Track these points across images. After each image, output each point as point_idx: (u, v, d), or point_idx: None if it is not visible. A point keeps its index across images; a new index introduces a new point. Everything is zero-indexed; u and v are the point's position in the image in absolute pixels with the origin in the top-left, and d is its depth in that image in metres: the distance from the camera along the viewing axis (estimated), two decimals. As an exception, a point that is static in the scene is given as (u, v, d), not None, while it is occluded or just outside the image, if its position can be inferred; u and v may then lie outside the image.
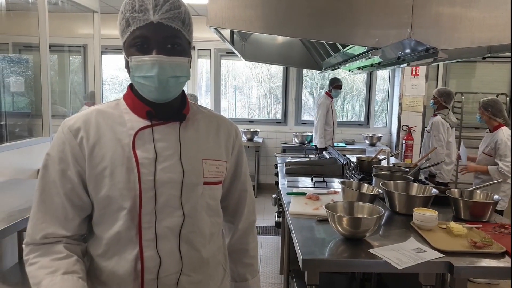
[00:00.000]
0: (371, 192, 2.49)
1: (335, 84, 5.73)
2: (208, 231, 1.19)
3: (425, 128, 5.02)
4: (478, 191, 2.50)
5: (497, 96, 4.86)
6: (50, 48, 3.82)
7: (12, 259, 3.16)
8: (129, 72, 1.11)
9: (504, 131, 3.66)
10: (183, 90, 1.19)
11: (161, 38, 1.06)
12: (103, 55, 5.49)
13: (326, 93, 5.80)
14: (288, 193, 2.84)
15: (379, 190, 2.50)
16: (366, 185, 2.60)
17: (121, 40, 1.11)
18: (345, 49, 2.96)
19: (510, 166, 3.50)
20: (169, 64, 1.06)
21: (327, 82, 6.09)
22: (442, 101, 4.41)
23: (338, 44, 3.03)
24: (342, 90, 5.83)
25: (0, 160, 3.13)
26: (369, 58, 2.75)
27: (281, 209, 3.05)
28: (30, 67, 5.40)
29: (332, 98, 5.78)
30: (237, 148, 1.29)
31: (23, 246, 1.11)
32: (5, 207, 2.48)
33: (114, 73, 7.21)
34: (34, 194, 1.11)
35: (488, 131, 3.84)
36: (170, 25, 1.06)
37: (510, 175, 3.53)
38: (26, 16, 4.41)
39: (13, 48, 6.15)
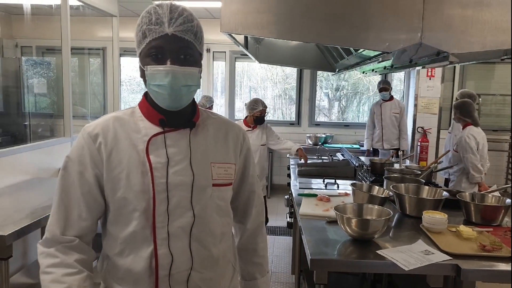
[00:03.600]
0: (382, 194, 2.51)
1: (379, 87, 5.86)
2: (219, 230, 1.26)
3: (447, 130, 5.04)
4: (490, 195, 2.50)
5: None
6: (71, 50, 3.94)
7: (36, 253, 3.27)
8: (144, 81, 1.18)
9: (468, 130, 4.01)
10: (194, 99, 1.27)
11: (175, 49, 1.14)
12: (121, 57, 5.60)
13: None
14: (299, 194, 2.88)
15: (390, 193, 2.52)
16: (376, 187, 2.62)
17: (138, 51, 1.18)
18: (358, 52, 2.99)
19: (468, 161, 3.93)
20: (182, 74, 1.14)
21: (343, 83, 6.11)
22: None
23: (351, 48, 3.05)
24: (387, 92, 5.85)
25: (24, 160, 3.25)
26: (382, 61, 2.77)
27: (292, 210, 3.09)
28: (52, 69, 5.57)
29: (383, 101, 5.88)
30: (245, 151, 1.35)
31: (42, 241, 1.21)
32: (29, 204, 2.59)
33: (132, 74, 7.35)
34: (54, 193, 1.20)
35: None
36: (183, 37, 1.14)
37: (470, 169, 3.94)
38: (49, 20, 4.55)
39: (36, 51, 6.34)
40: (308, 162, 4.10)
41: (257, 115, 4.08)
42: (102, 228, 1.25)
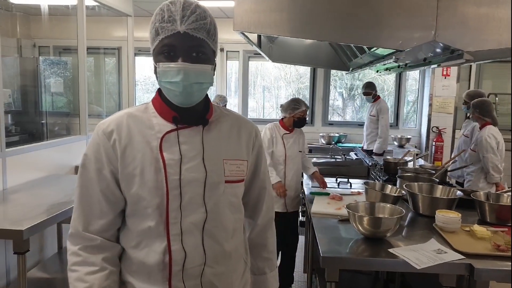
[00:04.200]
0: (394, 193, 2.50)
1: (362, 91, 5.74)
2: (231, 226, 1.27)
3: (462, 131, 4.96)
4: (505, 195, 2.47)
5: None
6: (87, 50, 4.00)
7: (52, 249, 3.34)
8: (157, 77, 1.20)
9: (488, 129, 3.89)
10: (207, 95, 1.28)
11: (187, 47, 1.15)
12: (136, 57, 5.65)
13: (378, 96, 5.73)
14: (311, 193, 2.89)
15: (403, 192, 2.51)
16: (389, 186, 2.61)
17: (151, 48, 1.20)
18: (371, 50, 2.98)
19: (489, 161, 3.81)
20: (193, 71, 1.15)
21: (357, 82, 6.06)
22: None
23: (364, 46, 3.04)
24: (370, 96, 5.71)
25: (41, 157, 3.32)
26: (396, 59, 2.76)
27: (305, 209, 3.09)
28: (68, 69, 5.66)
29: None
30: (257, 148, 1.36)
31: (68, 236, 1.22)
32: (46, 200, 2.64)
33: (147, 74, 7.42)
34: (75, 190, 1.23)
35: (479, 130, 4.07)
36: (195, 35, 1.14)
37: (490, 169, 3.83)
38: (66, 20, 4.62)
39: (53, 51, 6.45)
40: (321, 161, 4.09)
41: (299, 116, 3.46)
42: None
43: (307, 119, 3.56)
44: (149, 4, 5.40)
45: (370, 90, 5.65)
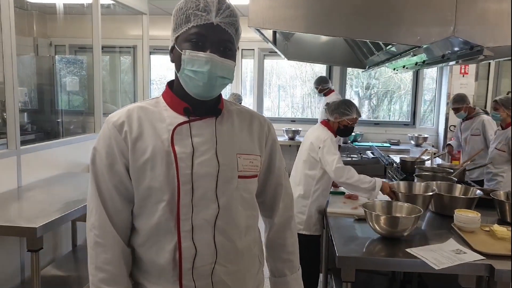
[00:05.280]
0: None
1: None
2: (244, 223, 1.23)
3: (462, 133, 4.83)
4: (527, 194, 2.40)
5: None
6: (102, 49, 4.02)
7: (67, 247, 3.36)
8: (178, 65, 1.16)
9: None
10: None
11: (217, 40, 1.13)
12: (151, 56, 5.68)
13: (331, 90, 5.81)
14: (327, 192, 2.85)
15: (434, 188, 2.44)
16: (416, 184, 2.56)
17: (174, 33, 1.16)
18: (388, 47, 2.93)
19: None
20: (220, 65, 1.13)
21: (373, 81, 5.98)
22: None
23: (381, 42, 2.99)
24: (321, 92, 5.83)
25: (56, 155, 3.35)
26: (414, 56, 2.71)
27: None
28: (84, 68, 5.71)
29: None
30: (270, 142, 1.32)
31: (87, 235, 1.20)
32: (61, 198, 2.66)
33: (162, 73, 7.44)
34: (89, 186, 1.20)
35: (500, 128, 3.93)
36: (226, 29, 1.14)
37: None
38: (81, 19, 4.66)
39: (69, 49, 6.51)
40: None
41: (346, 124, 2.88)
42: None
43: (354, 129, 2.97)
44: (164, 2, 5.41)
45: (317, 84, 5.74)
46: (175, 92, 1.22)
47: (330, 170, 2.65)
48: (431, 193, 2.35)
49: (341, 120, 2.85)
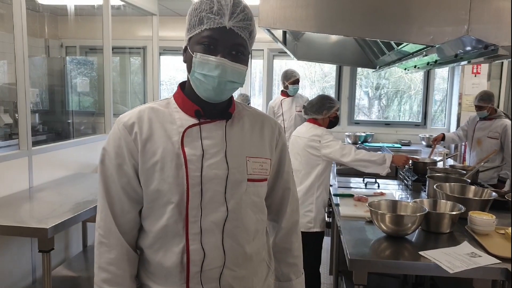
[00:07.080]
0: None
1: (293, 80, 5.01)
2: (253, 227, 1.22)
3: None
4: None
5: None
6: (112, 50, 4.03)
7: (77, 247, 3.38)
8: (189, 66, 1.16)
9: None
10: None
11: (229, 44, 1.12)
12: (161, 56, 5.69)
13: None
14: (335, 195, 2.83)
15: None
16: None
17: (188, 33, 1.16)
18: (399, 47, 2.89)
19: None
20: (231, 69, 1.11)
21: (383, 81, 5.90)
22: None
23: (392, 42, 2.96)
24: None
25: (67, 155, 3.36)
26: (425, 56, 2.67)
27: (331, 209, 3.04)
28: (94, 69, 5.74)
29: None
30: (280, 146, 1.31)
31: (95, 237, 1.20)
32: (71, 198, 2.67)
33: (172, 74, 7.46)
34: (98, 187, 1.20)
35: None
36: (239, 33, 1.12)
37: None
38: (92, 20, 4.68)
39: (80, 50, 6.55)
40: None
41: (334, 115, 3.07)
42: None
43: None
44: (174, 3, 5.42)
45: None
46: (186, 94, 1.21)
47: (338, 156, 2.83)
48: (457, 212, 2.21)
49: (330, 114, 3.04)
